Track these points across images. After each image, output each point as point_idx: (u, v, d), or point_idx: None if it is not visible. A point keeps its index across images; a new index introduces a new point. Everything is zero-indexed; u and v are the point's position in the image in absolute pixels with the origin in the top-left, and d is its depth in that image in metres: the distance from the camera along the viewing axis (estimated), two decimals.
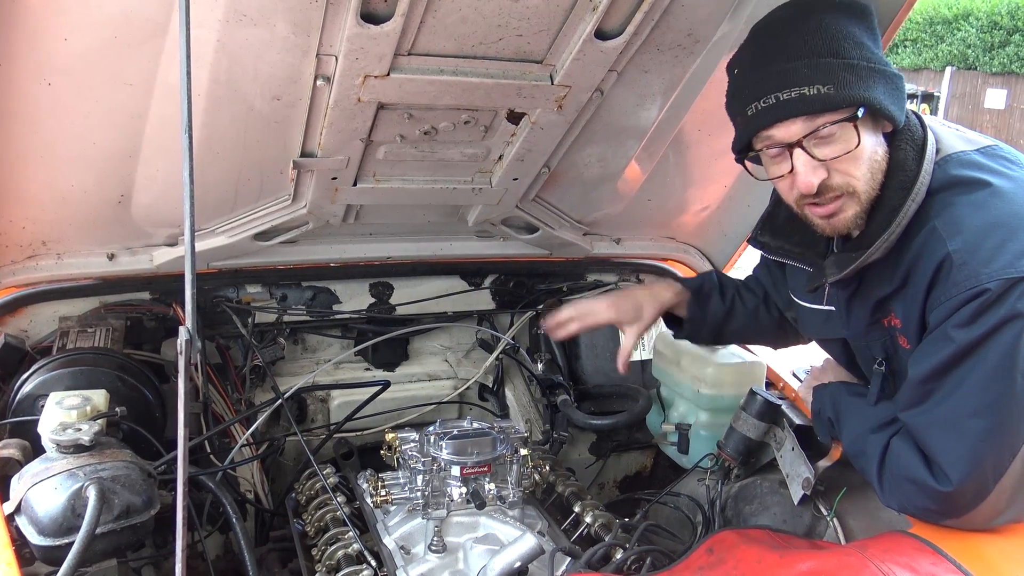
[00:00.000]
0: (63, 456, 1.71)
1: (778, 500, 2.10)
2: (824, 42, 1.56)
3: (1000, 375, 1.51)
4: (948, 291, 1.54)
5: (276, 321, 2.72)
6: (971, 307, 1.51)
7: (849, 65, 1.55)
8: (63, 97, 1.83)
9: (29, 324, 2.42)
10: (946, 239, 1.56)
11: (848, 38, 1.57)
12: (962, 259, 1.53)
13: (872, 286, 1.74)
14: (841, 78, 1.54)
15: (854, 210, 1.64)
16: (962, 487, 1.56)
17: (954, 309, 1.53)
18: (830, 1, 1.61)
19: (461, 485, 2.07)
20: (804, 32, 1.58)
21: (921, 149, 1.63)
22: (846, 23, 1.58)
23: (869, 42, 1.59)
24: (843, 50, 1.55)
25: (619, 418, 2.63)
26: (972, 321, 1.52)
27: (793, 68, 1.56)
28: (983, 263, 1.51)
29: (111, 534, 1.63)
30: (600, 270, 3.09)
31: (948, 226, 1.57)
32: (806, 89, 1.55)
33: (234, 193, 2.26)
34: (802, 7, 1.63)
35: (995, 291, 1.49)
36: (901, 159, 1.62)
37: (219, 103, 1.90)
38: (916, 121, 1.68)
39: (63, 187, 2.10)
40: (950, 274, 1.54)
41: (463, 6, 1.73)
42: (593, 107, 2.17)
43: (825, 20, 1.58)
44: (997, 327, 1.50)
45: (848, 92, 1.54)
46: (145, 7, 1.66)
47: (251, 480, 2.46)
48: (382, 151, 2.19)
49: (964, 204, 1.58)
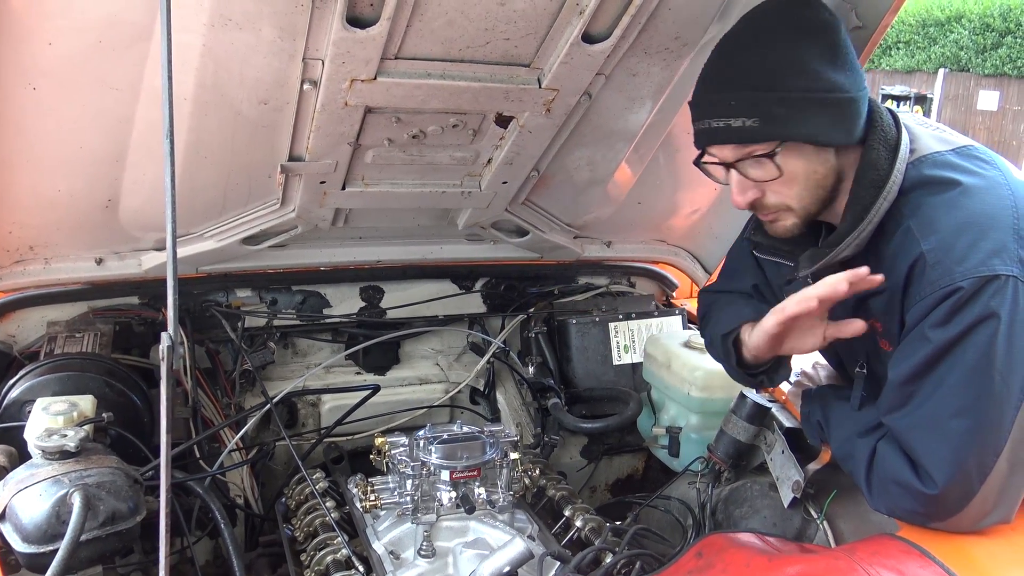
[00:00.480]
0: (48, 462, 1.69)
1: (768, 503, 2.10)
2: (761, 74, 1.59)
3: (978, 375, 1.52)
4: (923, 290, 1.55)
5: (266, 325, 2.71)
6: (946, 306, 1.52)
7: (782, 99, 1.57)
8: (48, 101, 1.83)
9: (17, 329, 2.41)
10: (920, 239, 1.57)
11: (790, 66, 1.58)
12: (935, 258, 1.54)
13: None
14: (768, 113, 1.58)
15: (792, 221, 1.71)
16: (947, 489, 1.56)
17: (929, 308, 1.54)
18: (786, 20, 1.61)
19: (451, 489, 2.06)
20: (746, 61, 1.61)
21: (894, 149, 1.64)
22: (795, 47, 1.58)
23: (820, 65, 1.57)
24: (779, 82, 1.58)
25: (610, 421, 2.63)
26: (947, 320, 1.52)
27: (724, 100, 1.61)
28: (956, 262, 1.52)
29: (96, 541, 1.62)
30: (591, 273, 3.09)
31: (922, 226, 1.58)
32: (732, 121, 1.60)
33: (222, 197, 2.26)
34: (754, 27, 1.64)
35: (968, 289, 1.50)
36: (873, 159, 1.63)
37: (206, 107, 1.90)
38: (891, 121, 1.69)
39: (50, 191, 2.09)
40: (924, 273, 1.55)
41: (449, 9, 1.73)
42: (581, 110, 2.17)
43: (772, 46, 1.59)
44: (972, 326, 1.50)
45: (771, 128, 1.58)
46: (130, 11, 1.66)
47: (241, 485, 2.45)
48: (370, 155, 2.19)
49: (937, 204, 1.59)
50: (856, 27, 2.01)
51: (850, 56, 1.62)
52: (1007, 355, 1.50)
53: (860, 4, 1.98)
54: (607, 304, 3.00)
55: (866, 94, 1.65)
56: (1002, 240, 1.52)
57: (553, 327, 2.95)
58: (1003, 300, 1.49)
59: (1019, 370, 1.52)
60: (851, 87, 1.60)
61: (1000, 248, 1.52)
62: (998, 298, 1.49)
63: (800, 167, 1.64)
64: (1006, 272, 1.50)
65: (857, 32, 2.02)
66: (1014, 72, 16.59)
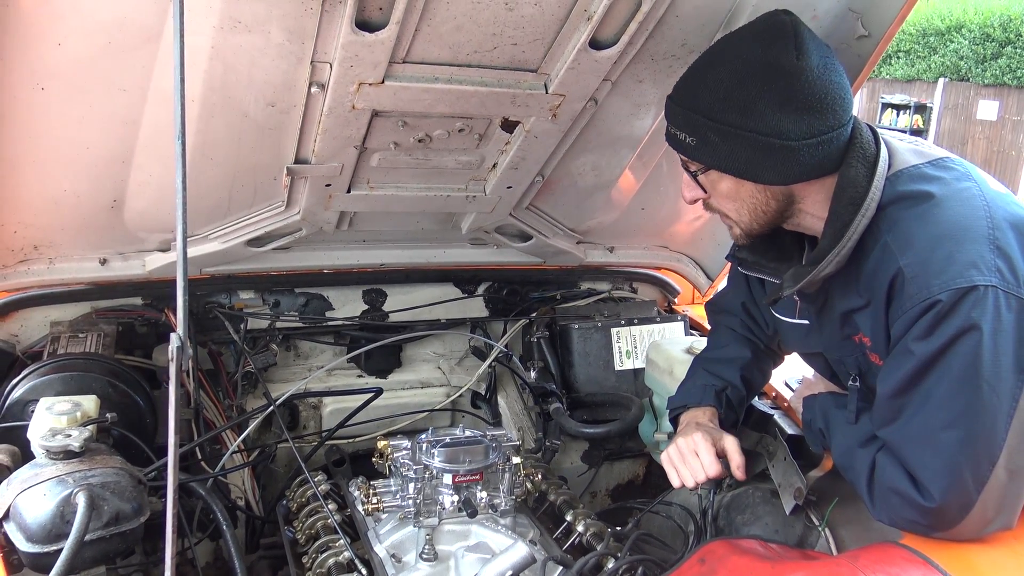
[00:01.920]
0: (52, 462, 1.69)
1: (770, 510, 2.10)
2: (708, 101, 1.64)
3: (965, 385, 1.52)
4: (903, 305, 1.56)
5: (269, 327, 2.71)
6: (926, 319, 1.53)
7: (718, 128, 1.64)
8: (56, 102, 1.83)
9: (20, 329, 2.41)
10: (897, 254, 1.59)
11: (735, 102, 1.61)
12: (913, 272, 1.55)
13: (837, 300, 1.77)
14: (704, 137, 1.66)
15: (737, 231, 1.81)
16: (946, 500, 1.56)
17: (911, 322, 1.55)
18: (749, 56, 1.62)
19: (453, 493, 2.07)
20: (703, 82, 1.67)
21: (873, 165, 1.65)
22: (746, 85, 1.60)
23: (766, 108, 1.58)
24: (720, 114, 1.63)
25: (611, 427, 2.63)
26: (929, 333, 1.53)
27: (678, 111, 1.71)
28: (933, 275, 1.53)
29: (100, 541, 1.62)
30: (593, 278, 3.09)
31: (898, 241, 1.60)
32: (679, 132, 1.72)
33: (228, 199, 2.26)
34: (721, 52, 1.68)
35: (947, 302, 1.50)
36: (852, 176, 1.64)
37: (213, 109, 1.90)
38: (870, 137, 1.70)
39: (56, 192, 2.09)
40: (904, 288, 1.57)
41: (458, 14, 1.73)
42: (587, 116, 2.18)
43: (727, 77, 1.62)
44: (955, 338, 1.51)
45: (703, 151, 1.68)
46: (139, 13, 1.66)
47: (242, 487, 2.45)
48: (376, 158, 2.19)
49: (912, 218, 1.61)
50: (862, 36, 2.02)
51: (810, 101, 1.58)
52: (993, 364, 1.51)
53: (866, 13, 1.99)
54: (609, 310, 3.00)
55: (827, 138, 1.61)
56: (978, 251, 1.53)
57: (555, 332, 2.95)
58: (984, 311, 1.50)
59: (1008, 378, 1.52)
60: (796, 133, 1.59)
61: (976, 259, 1.52)
62: (978, 309, 1.50)
63: (729, 190, 1.72)
64: (984, 282, 1.50)
65: (863, 41, 2.02)
66: (1014, 82, 16.62)
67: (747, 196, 1.72)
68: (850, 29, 2.01)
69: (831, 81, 1.61)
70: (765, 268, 1.92)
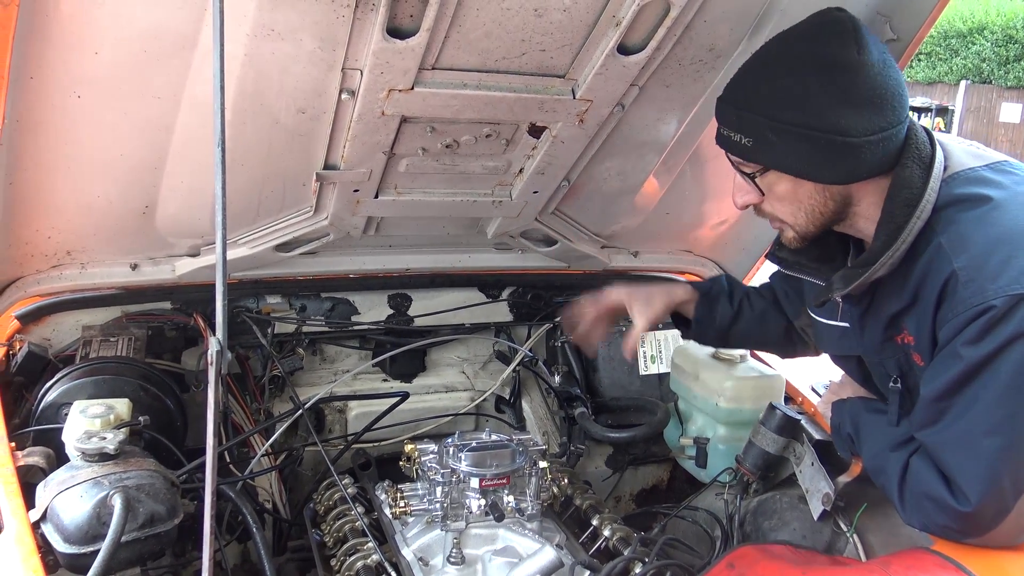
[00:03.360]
0: (88, 464, 1.71)
1: (797, 515, 2.10)
2: (765, 100, 1.63)
3: (1012, 393, 1.51)
4: (955, 308, 1.54)
5: (295, 332, 2.73)
6: (978, 324, 1.51)
7: (776, 128, 1.61)
8: (92, 109, 1.85)
9: (52, 333, 2.44)
10: (952, 256, 1.56)
11: (793, 99, 1.59)
12: (968, 276, 1.53)
13: (883, 303, 1.74)
14: (762, 137, 1.65)
15: (791, 234, 1.79)
16: (981, 506, 1.55)
17: (962, 326, 1.53)
18: (807, 52, 1.61)
19: (480, 497, 2.07)
20: (758, 82, 1.66)
21: (928, 167, 1.63)
22: (804, 81, 1.59)
23: (825, 104, 1.57)
24: (778, 112, 1.61)
25: (637, 431, 2.62)
26: (980, 338, 1.51)
27: (731, 112, 1.70)
28: (989, 279, 1.51)
29: (135, 543, 1.63)
30: (618, 283, 3.09)
31: (954, 243, 1.58)
32: (733, 134, 1.70)
33: (257, 204, 2.28)
34: (778, 51, 1.67)
35: (1001, 307, 1.49)
36: (907, 176, 1.63)
37: (245, 116, 1.93)
38: (925, 139, 1.68)
39: (88, 197, 2.12)
40: (956, 291, 1.55)
41: (487, 21, 1.75)
42: (614, 121, 2.18)
43: (784, 75, 1.61)
44: (1006, 344, 1.49)
45: (760, 151, 1.66)
46: (175, 22, 1.69)
47: (269, 490, 2.46)
48: (404, 164, 2.21)
49: (969, 220, 1.59)
50: (890, 39, 2.01)
51: (871, 97, 1.58)
52: None
53: (895, 17, 1.99)
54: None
55: (887, 135, 1.60)
56: None
57: None
58: None
59: None
60: (858, 130, 1.58)
61: None
62: None
63: (787, 192, 1.70)
64: None
65: (892, 45, 2.02)
66: None
67: (805, 197, 1.70)
68: (879, 33, 2.01)
69: (890, 77, 1.60)
70: (807, 268, 1.90)
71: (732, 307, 2.27)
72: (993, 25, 17.78)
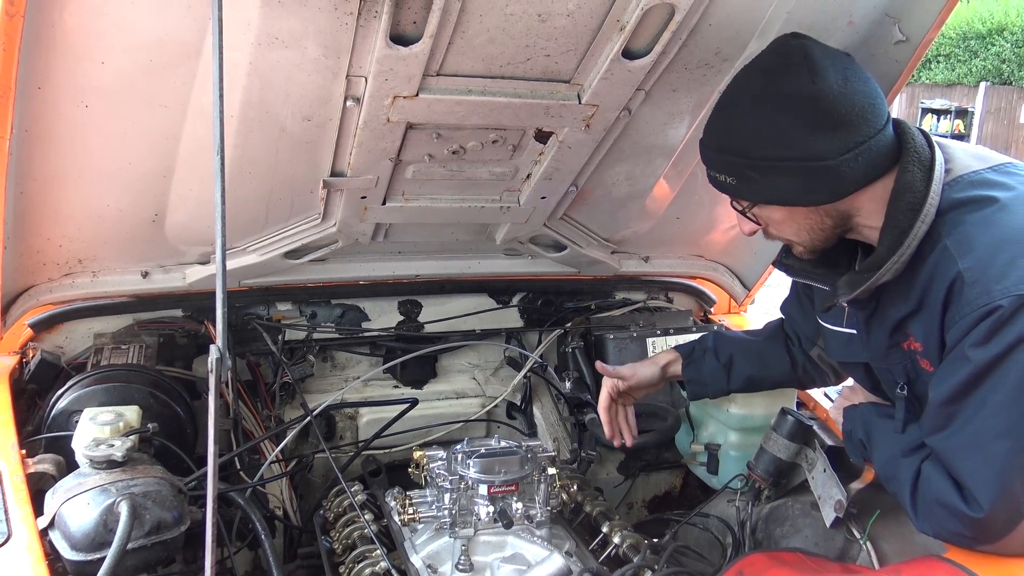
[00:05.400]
0: (96, 472, 1.73)
1: (810, 522, 2.07)
2: (738, 140, 1.67)
3: (1021, 394, 1.49)
4: (962, 310, 1.53)
5: (306, 338, 2.74)
6: (985, 325, 1.49)
7: (754, 164, 1.65)
8: (99, 119, 1.87)
9: (65, 340, 2.47)
10: (957, 258, 1.55)
11: (764, 136, 1.62)
12: (973, 277, 1.52)
13: (889, 307, 1.74)
14: (743, 175, 1.68)
15: (800, 249, 1.82)
16: (994, 512, 1.53)
17: (969, 328, 1.52)
18: (768, 87, 1.63)
19: (489, 504, 2.06)
20: (728, 123, 1.70)
21: (929, 170, 1.63)
22: (771, 117, 1.61)
23: (797, 132, 1.59)
24: (752, 150, 1.64)
25: (648, 437, 2.60)
26: (988, 340, 1.50)
27: (711, 155, 1.75)
28: (995, 280, 1.50)
29: (142, 550, 1.64)
30: (628, 288, 3.08)
31: (959, 244, 1.56)
32: (718, 175, 1.75)
33: (265, 212, 2.29)
34: (740, 90, 1.70)
35: (1008, 308, 1.47)
36: (909, 181, 1.62)
37: (251, 124, 1.94)
38: (923, 142, 1.67)
39: (99, 206, 2.14)
40: (962, 293, 1.53)
41: (491, 27, 1.75)
42: (621, 126, 2.17)
43: (751, 113, 1.64)
44: (1013, 346, 1.48)
45: (745, 188, 1.71)
46: (179, 31, 1.70)
47: (280, 497, 2.47)
48: (411, 170, 2.21)
49: (974, 222, 1.58)
50: (899, 41, 1.99)
51: (838, 118, 1.58)
52: None
53: (903, 18, 1.97)
54: (644, 319, 2.99)
55: (864, 148, 1.60)
56: None
57: (590, 342, 2.94)
58: None
59: None
60: (832, 152, 1.59)
61: None
62: None
63: (783, 218, 1.74)
64: None
65: (900, 46, 2.00)
66: None
67: (801, 219, 1.72)
68: (887, 34, 1.99)
69: (855, 92, 1.60)
70: (812, 274, 1.90)
71: (720, 362, 2.27)
72: (1013, 26, 17.61)
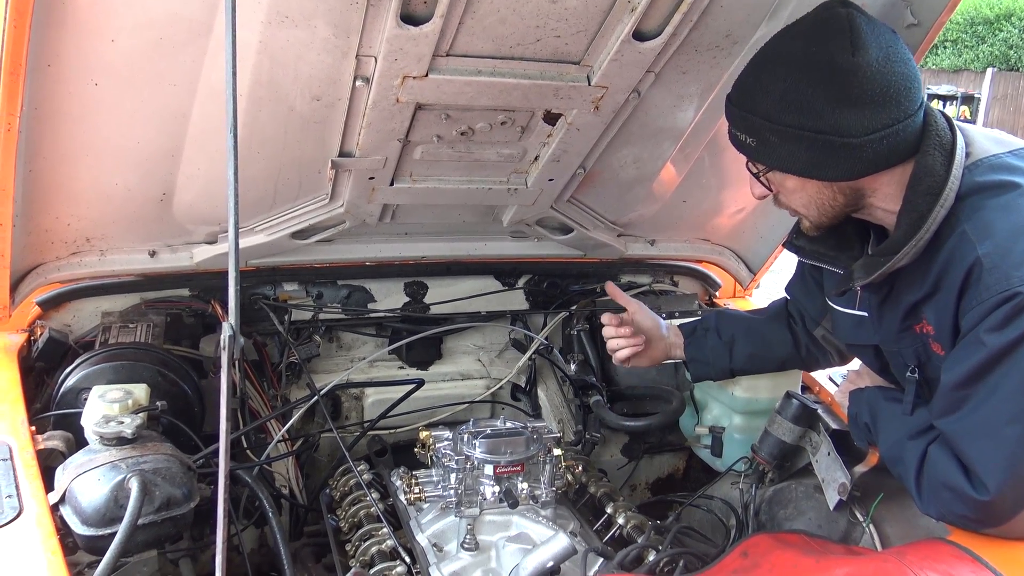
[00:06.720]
0: (106, 448, 1.74)
1: (813, 505, 2.09)
2: (766, 103, 1.64)
3: None
4: (979, 295, 1.53)
5: (312, 319, 2.74)
6: (1003, 311, 1.49)
7: (776, 129, 1.63)
8: (109, 97, 1.87)
9: (72, 319, 2.47)
10: (976, 243, 1.55)
11: (792, 103, 1.59)
12: (992, 262, 1.52)
13: (903, 291, 1.73)
14: (764, 139, 1.67)
15: (806, 223, 1.81)
16: (1000, 495, 1.54)
17: (986, 313, 1.52)
18: (804, 55, 1.60)
19: (494, 484, 2.08)
20: (759, 84, 1.67)
21: (950, 154, 1.61)
22: (802, 85, 1.58)
23: (824, 105, 1.56)
24: (778, 115, 1.62)
25: (652, 420, 2.62)
26: (1004, 325, 1.50)
27: (736, 112, 1.73)
28: (1014, 266, 1.50)
29: (152, 525, 1.66)
30: (634, 271, 3.08)
31: (978, 230, 1.56)
32: (739, 133, 1.73)
33: (273, 192, 2.29)
34: (776, 52, 1.66)
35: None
36: (929, 164, 1.60)
37: (260, 103, 1.93)
38: (945, 125, 1.65)
39: (107, 185, 2.14)
40: (980, 278, 1.53)
41: (502, 7, 1.74)
42: (630, 108, 2.17)
43: (783, 78, 1.61)
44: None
45: (763, 152, 1.69)
46: (189, 9, 1.69)
47: (286, 475, 2.49)
48: (419, 151, 2.21)
49: (993, 207, 1.57)
50: (911, 24, 1.98)
51: (871, 96, 1.55)
52: None
53: (915, 1, 1.96)
54: (650, 303, 2.97)
55: (893, 131, 1.58)
56: None
57: (596, 325, 2.94)
58: None
59: None
60: (858, 130, 1.56)
61: None
62: None
63: (795, 188, 1.72)
64: None
65: (912, 30, 1.99)
66: None
67: (813, 193, 1.70)
68: (899, 18, 1.98)
69: (894, 72, 1.56)
70: (824, 257, 1.89)
71: (722, 340, 2.28)
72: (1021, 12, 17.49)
